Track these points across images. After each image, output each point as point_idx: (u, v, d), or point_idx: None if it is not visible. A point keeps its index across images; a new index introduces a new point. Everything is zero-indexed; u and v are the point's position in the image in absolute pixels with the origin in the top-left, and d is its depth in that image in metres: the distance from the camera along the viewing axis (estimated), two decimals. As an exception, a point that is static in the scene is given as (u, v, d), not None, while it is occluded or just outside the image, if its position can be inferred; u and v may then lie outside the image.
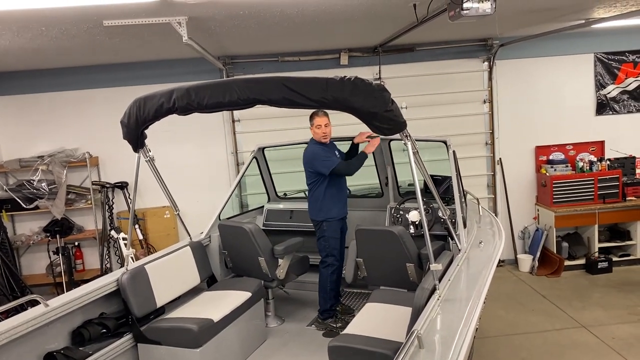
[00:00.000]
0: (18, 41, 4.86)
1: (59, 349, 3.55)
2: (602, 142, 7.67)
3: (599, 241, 7.32)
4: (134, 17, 4.22)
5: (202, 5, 3.95)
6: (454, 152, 4.73)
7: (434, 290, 3.16)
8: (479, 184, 7.58)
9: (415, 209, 5.27)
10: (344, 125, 5.96)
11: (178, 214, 4.65)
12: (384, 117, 2.99)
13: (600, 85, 7.65)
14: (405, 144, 3.20)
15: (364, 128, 3.37)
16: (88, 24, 4.42)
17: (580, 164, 7.44)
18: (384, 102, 2.96)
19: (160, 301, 4.16)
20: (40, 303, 3.46)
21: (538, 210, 7.68)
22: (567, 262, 7.30)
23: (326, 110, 4.85)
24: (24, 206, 6.88)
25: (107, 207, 7.21)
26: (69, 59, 6.33)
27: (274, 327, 5.08)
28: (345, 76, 2.96)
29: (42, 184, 6.93)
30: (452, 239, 4.20)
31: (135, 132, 3.64)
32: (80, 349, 3.63)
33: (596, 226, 7.25)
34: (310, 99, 2.98)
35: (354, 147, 5.34)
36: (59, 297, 3.74)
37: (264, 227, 5.57)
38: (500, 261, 4.37)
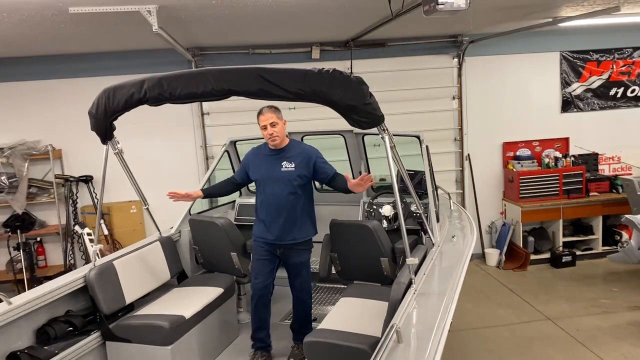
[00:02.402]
0: (-24, 27, 4.64)
1: (22, 348, 3.39)
2: (567, 139, 7.86)
3: (564, 235, 7.51)
4: (102, 4, 4.08)
5: (174, -7, 3.85)
6: (427, 147, 4.75)
7: (410, 284, 3.16)
8: (448, 179, 7.67)
9: (388, 203, 5.28)
10: (320, 120, 6.00)
11: (147, 209, 4.53)
12: (362, 110, 2.97)
13: (565, 83, 7.83)
14: (382, 137, 3.18)
15: (342, 122, 3.35)
16: (53, 11, 4.24)
17: (546, 160, 7.61)
18: (363, 95, 2.93)
19: (129, 298, 4.04)
20: (2, 301, 3.30)
21: (505, 205, 7.83)
22: (533, 256, 7.46)
23: (275, 106, 4.17)
24: (-18, 200, 6.62)
25: (70, 201, 6.99)
26: (31, 47, 6.09)
27: (246, 322, 4.98)
28: (323, 68, 2.92)
29: (2, 177, 6.68)
30: (426, 233, 4.22)
31: (103, 124, 3.51)
32: (46, 347, 3.49)
33: (561, 221, 7.43)
34: (287, 91, 2.93)
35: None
36: (22, 295, 3.59)
37: (235, 222, 5.47)
38: None
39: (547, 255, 7.54)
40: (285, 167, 4.20)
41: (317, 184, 6.13)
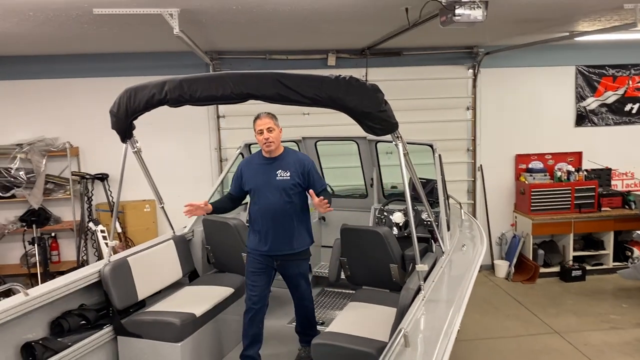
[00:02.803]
0: (3, 25, 4.75)
1: (37, 339, 3.48)
2: (580, 153, 7.85)
3: (574, 250, 7.49)
4: (126, 6, 4.17)
5: (196, -3, 3.93)
6: (439, 156, 4.79)
7: (418, 290, 3.20)
8: (460, 190, 7.68)
9: (399, 210, 5.32)
10: (333, 126, 6.06)
11: (162, 207, 4.61)
12: (377, 117, 3.03)
13: (580, 97, 7.82)
14: (396, 144, 3.23)
15: (355, 129, 3.40)
16: (77, 11, 4.34)
17: (559, 173, 7.60)
18: (378, 103, 2.99)
19: (141, 294, 4.12)
20: (20, 292, 3.39)
21: (516, 217, 7.82)
22: (542, 269, 7.44)
23: (273, 113, 4.12)
24: (0, 194, 6.74)
25: (86, 198, 7.09)
26: (54, 46, 6.21)
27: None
28: (340, 75, 2.99)
29: (20, 173, 6.78)
30: (436, 241, 4.25)
31: (124, 123, 3.60)
32: (59, 339, 3.57)
33: (571, 235, 7.41)
34: (304, 96, 3.00)
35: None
36: (38, 287, 3.68)
37: (247, 224, 5.54)
38: None
39: (556, 269, 7.51)
40: (281, 176, 4.09)
41: (329, 187, 6.19)
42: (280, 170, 4.10)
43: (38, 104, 7.05)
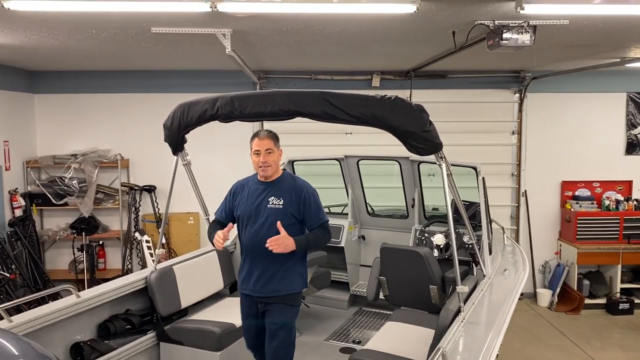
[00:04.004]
0: (67, 42, 5.06)
1: (85, 340, 3.65)
2: (630, 182, 7.62)
3: (622, 281, 7.23)
4: (182, 25, 4.37)
5: (249, 18, 4.09)
6: (483, 178, 4.76)
7: (458, 312, 3.18)
8: (503, 215, 7.56)
9: (440, 232, 5.29)
10: (375, 146, 6.11)
11: (208, 219, 4.73)
12: (421, 137, 3.06)
13: (631, 125, 7.63)
14: (439, 165, 3.26)
15: (397, 149, 3.45)
16: (136, 30, 4.58)
17: (607, 202, 7.39)
18: (422, 123, 3.03)
19: (184, 302, 4.24)
20: (72, 293, 3.55)
21: (560, 245, 7.63)
22: (587, 300, 7.21)
23: (275, 133, 3.68)
24: (54, 202, 7.05)
25: (133, 209, 7.35)
26: (111, 62, 6.55)
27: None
28: (385, 95, 3.05)
29: (73, 182, 7.10)
30: (477, 264, 4.22)
31: (176, 136, 3.74)
32: (106, 342, 3.73)
33: (619, 266, 7.17)
34: (349, 115, 3.07)
35: None
36: (89, 290, 3.84)
37: None
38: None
39: (602, 301, 7.26)
40: (272, 203, 3.53)
41: (369, 207, 6.23)
42: (273, 197, 3.55)
43: (93, 117, 7.40)
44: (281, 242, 3.35)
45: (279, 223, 3.39)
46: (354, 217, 6.13)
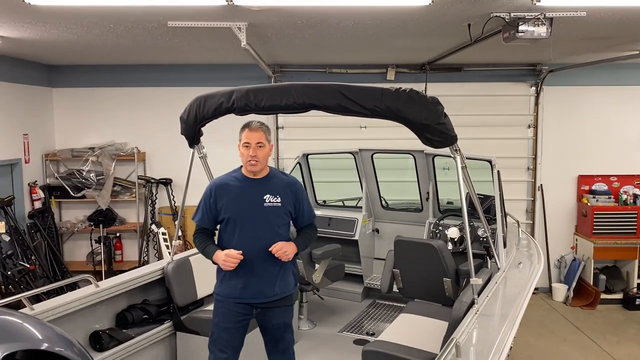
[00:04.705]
0: (86, 36, 5.13)
1: (104, 328, 3.73)
2: (648, 176, 7.53)
3: (639, 277, 7.14)
4: (198, 19, 4.41)
5: (264, 12, 4.11)
6: (498, 172, 4.75)
7: (472, 304, 3.19)
8: (518, 209, 7.51)
9: (455, 225, 5.29)
10: (390, 140, 6.12)
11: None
12: (436, 130, 3.07)
13: (650, 118, 7.52)
14: (454, 158, 3.26)
15: (412, 143, 3.45)
16: (153, 24, 4.63)
17: (624, 196, 7.31)
18: (437, 115, 3.04)
19: (200, 293, 4.30)
20: (91, 283, 3.63)
21: (577, 240, 7.57)
22: (603, 295, 7.15)
23: (267, 125, 3.47)
24: (72, 194, 7.16)
25: (150, 201, 7.44)
26: (128, 56, 6.62)
27: (306, 330, 5.15)
28: (400, 87, 3.06)
29: (91, 175, 7.20)
30: (492, 257, 4.21)
31: (193, 129, 3.79)
32: (124, 330, 3.80)
33: (636, 261, 7.08)
34: (364, 107, 3.09)
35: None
36: (107, 280, 3.92)
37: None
38: (534, 288, 4.29)
39: (619, 296, 7.19)
40: (269, 201, 3.33)
41: (383, 200, 6.24)
42: (268, 195, 3.34)
43: (110, 111, 7.49)
44: (289, 251, 3.28)
45: (274, 247, 3.23)
46: (368, 210, 6.15)
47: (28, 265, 6.02)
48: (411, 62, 7.26)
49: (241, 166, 3.48)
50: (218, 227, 3.44)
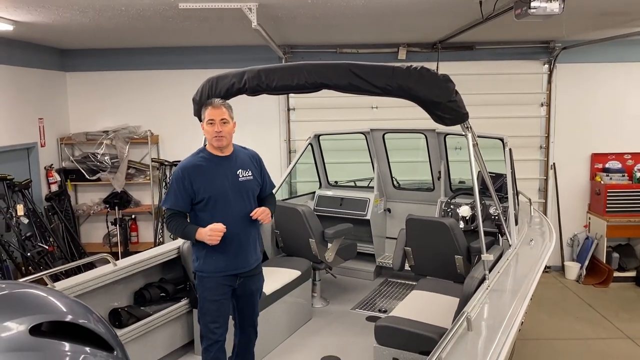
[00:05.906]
0: (98, 20, 5.16)
1: (123, 306, 3.83)
2: (663, 154, 7.46)
3: (652, 254, 7.15)
4: (209, 1, 4.43)
5: (274, -8, 4.12)
6: (510, 150, 4.75)
7: (483, 279, 3.23)
8: (531, 188, 7.50)
9: (466, 204, 5.31)
10: (401, 120, 6.12)
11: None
12: (447, 107, 3.09)
13: (665, 95, 7.43)
14: (465, 135, 3.27)
15: (423, 122, 3.46)
16: (164, 6, 4.65)
17: (638, 174, 7.27)
18: (449, 93, 3.05)
19: (216, 271, 4.37)
20: (109, 262, 3.72)
21: (590, 218, 7.55)
22: (616, 273, 7.15)
23: (228, 103, 3.44)
24: (88, 177, 7.26)
25: (163, 183, 7.53)
26: (140, 39, 6.65)
27: (319, 307, 5.24)
28: (411, 65, 3.07)
29: (106, 158, 7.29)
30: (503, 234, 4.24)
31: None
32: (142, 308, 3.90)
33: (650, 239, 7.08)
34: (375, 86, 3.11)
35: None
36: (125, 259, 4.01)
37: (314, 212, 5.72)
38: (546, 267, 4.27)
39: (632, 274, 7.19)
40: (243, 176, 3.46)
41: (395, 180, 6.27)
42: (240, 170, 3.46)
43: (123, 94, 7.54)
44: (268, 213, 3.48)
45: (255, 212, 3.39)
46: (380, 190, 6.18)
47: (47, 247, 6.16)
48: (422, 41, 7.21)
49: (204, 146, 3.52)
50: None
